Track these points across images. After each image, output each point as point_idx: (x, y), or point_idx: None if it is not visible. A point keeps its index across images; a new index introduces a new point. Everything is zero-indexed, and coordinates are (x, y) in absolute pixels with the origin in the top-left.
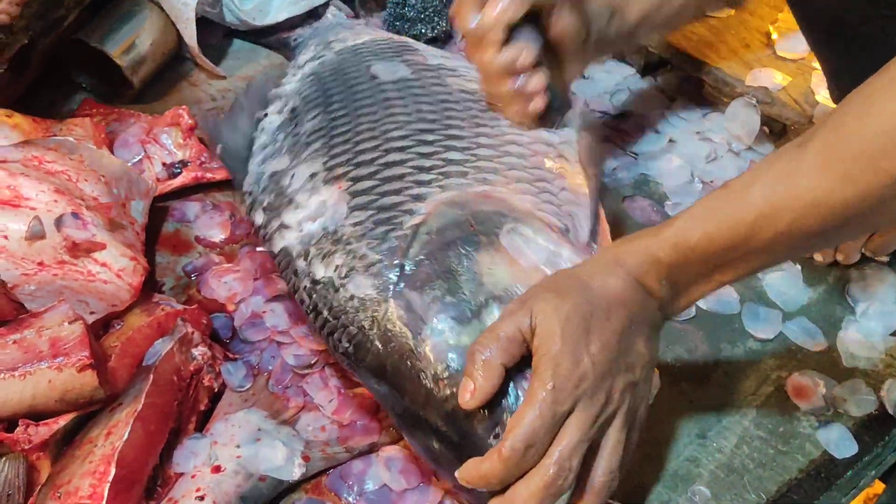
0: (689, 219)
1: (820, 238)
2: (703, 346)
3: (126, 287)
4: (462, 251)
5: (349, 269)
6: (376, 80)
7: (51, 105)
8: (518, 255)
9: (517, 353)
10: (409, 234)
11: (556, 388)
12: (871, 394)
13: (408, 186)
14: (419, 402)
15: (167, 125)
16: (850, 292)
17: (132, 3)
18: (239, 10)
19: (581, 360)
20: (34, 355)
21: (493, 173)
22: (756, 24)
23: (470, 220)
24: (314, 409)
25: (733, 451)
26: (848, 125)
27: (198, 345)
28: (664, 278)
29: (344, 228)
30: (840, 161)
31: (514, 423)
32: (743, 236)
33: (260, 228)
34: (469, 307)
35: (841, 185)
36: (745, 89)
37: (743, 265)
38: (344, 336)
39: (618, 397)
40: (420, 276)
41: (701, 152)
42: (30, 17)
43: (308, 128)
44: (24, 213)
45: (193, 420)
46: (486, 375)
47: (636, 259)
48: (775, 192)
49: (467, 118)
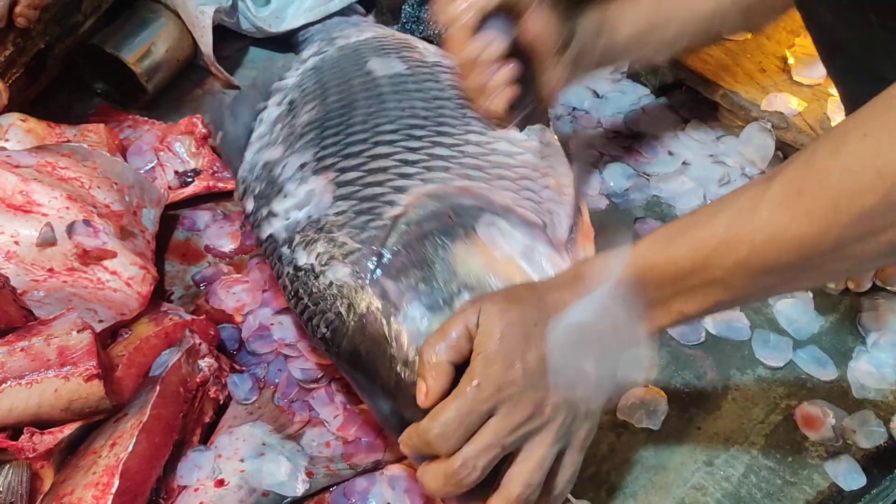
0: (653, 240)
1: (778, 276)
2: (713, 372)
3: (135, 296)
4: (438, 242)
5: (329, 256)
6: (372, 75)
7: (66, 109)
8: (493, 247)
9: (465, 351)
10: (388, 225)
11: (481, 386)
12: (881, 426)
13: (391, 178)
14: (390, 386)
15: (181, 133)
16: (862, 322)
17: (149, 11)
18: (255, 18)
19: (513, 365)
20: (41, 364)
21: (476, 170)
22: (773, 48)
23: (449, 212)
24: (319, 425)
25: (741, 479)
26: (817, 161)
27: (205, 356)
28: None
29: (327, 217)
30: (802, 196)
31: (435, 413)
32: (702, 262)
33: (250, 215)
34: (442, 295)
35: (800, 220)
36: (761, 114)
37: (701, 296)
38: (322, 322)
39: (549, 411)
40: (396, 265)
41: (714, 175)
42: (47, 22)
43: (303, 120)
44: (36, 219)
45: (198, 432)
46: (436, 376)
47: (596, 276)
48: (737, 221)
49: (458, 115)
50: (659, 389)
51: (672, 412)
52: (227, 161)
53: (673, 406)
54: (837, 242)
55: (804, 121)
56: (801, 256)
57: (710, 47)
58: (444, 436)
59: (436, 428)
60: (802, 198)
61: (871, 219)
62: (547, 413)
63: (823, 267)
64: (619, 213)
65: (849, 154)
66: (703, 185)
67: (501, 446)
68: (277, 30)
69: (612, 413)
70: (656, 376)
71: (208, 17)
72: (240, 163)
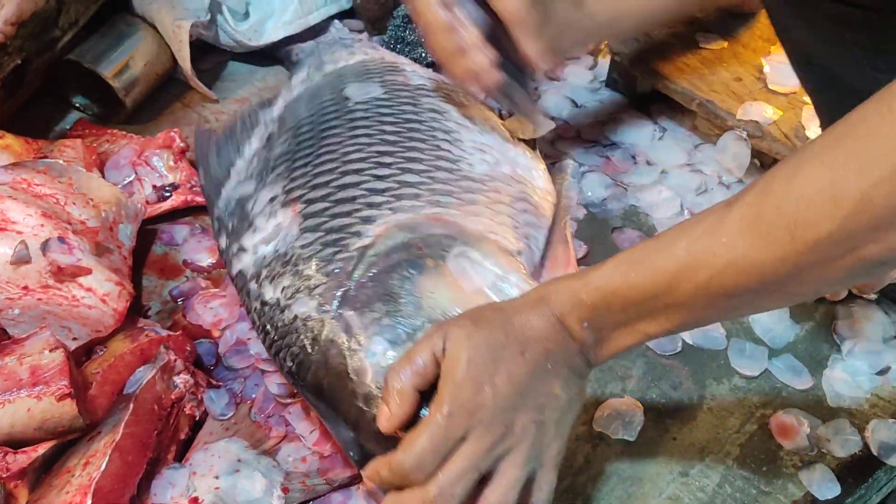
0: (616, 264)
1: (739, 299)
2: (688, 382)
3: (111, 312)
4: (406, 274)
5: (295, 290)
6: (347, 101)
7: (45, 124)
8: (463, 279)
9: (431, 377)
10: (354, 257)
11: (452, 413)
12: (856, 434)
13: (359, 209)
14: (351, 420)
15: (159, 147)
16: (838, 330)
17: (126, 25)
18: (234, 32)
19: (482, 389)
20: (14, 383)
21: (447, 196)
22: (749, 57)
23: (418, 243)
24: (295, 440)
25: (715, 490)
26: (774, 189)
27: (180, 372)
28: (586, 321)
29: (294, 250)
30: (760, 223)
31: (407, 444)
32: (664, 287)
33: (223, 252)
34: (405, 329)
35: (758, 247)
36: (737, 122)
37: (665, 318)
38: (288, 356)
39: (519, 432)
40: (361, 298)
41: (691, 184)
42: (25, 37)
43: (276, 152)
44: (11, 237)
45: (173, 449)
46: (400, 402)
47: (560, 298)
48: (697, 246)
49: (429, 139)
50: (635, 400)
51: (648, 423)
52: (207, 199)
53: (649, 417)
54: (795, 268)
55: (779, 129)
56: (760, 282)
57: (686, 55)
58: (419, 467)
59: (411, 459)
60: (760, 225)
61: (828, 246)
62: (516, 433)
63: (783, 291)
64: (596, 222)
65: (805, 182)
66: (680, 194)
67: (477, 471)
68: (257, 43)
69: (588, 424)
70: (632, 387)
71: (185, 32)
72: (218, 200)
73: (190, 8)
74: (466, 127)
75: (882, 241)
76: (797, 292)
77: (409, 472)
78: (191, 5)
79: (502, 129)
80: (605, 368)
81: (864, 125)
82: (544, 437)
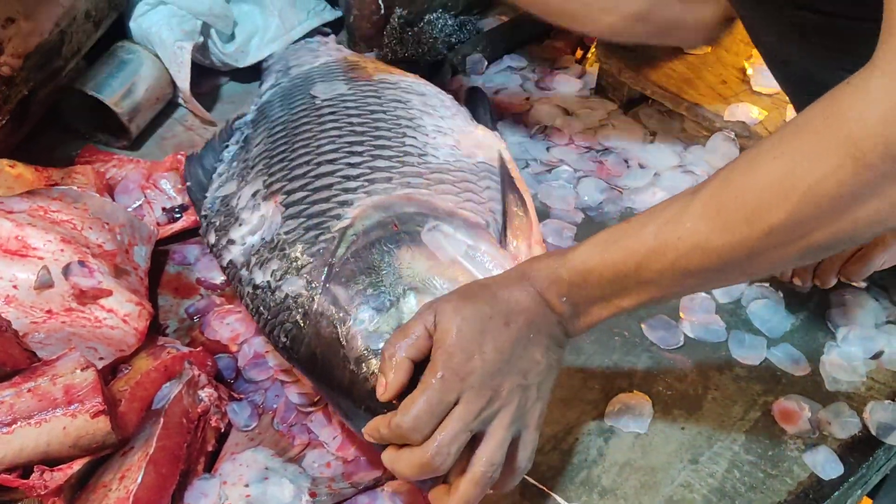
0: (592, 245)
1: (702, 277)
2: (692, 374)
3: (132, 332)
4: (384, 248)
5: (283, 272)
6: (315, 100)
7: (50, 152)
8: (437, 250)
9: (424, 348)
10: (336, 237)
11: (445, 377)
12: (855, 416)
13: (336, 194)
14: (345, 383)
15: (166, 170)
16: (831, 318)
17: (127, 52)
18: (222, 54)
19: (472, 356)
20: (49, 403)
21: (417, 177)
22: (732, 60)
23: (394, 220)
24: (319, 446)
25: (724, 475)
26: (734, 179)
27: (204, 386)
28: (565, 296)
29: (279, 237)
30: (721, 211)
31: (405, 406)
32: (634, 266)
33: (212, 247)
34: (388, 297)
35: (719, 233)
36: (724, 124)
37: (636, 293)
38: (281, 332)
39: (505, 395)
40: (345, 273)
41: (683, 185)
42: (30, 69)
43: (254, 153)
44: (32, 263)
45: (202, 461)
46: (396, 371)
47: (541, 275)
48: (664, 231)
49: (394, 127)
50: (643, 394)
51: (656, 414)
52: (194, 203)
53: (657, 409)
54: (751, 252)
55: (765, 129)
56: (720, 262)
57: (673, 62)
58: (416, 427)
59: (408, 420)
60: (720, 213)
61: (781, 233)
62: (503, 396)
63: (740, 270)
64: (594, 225)
65: (761, 174)
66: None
67: (469, 431)
68: (244, 64)
69: (600, 419)
70: (639, 381)
71: (187, 52)
72: (204, 202)
73: (187, 30)
74: (428, 113)
75: (828, 228)
76: (753, 272)
77: (407, 432)
78: (187, 27)
79: (461, 113)
80: (612, 365)
81: (811, 125)
82: (528, 401)
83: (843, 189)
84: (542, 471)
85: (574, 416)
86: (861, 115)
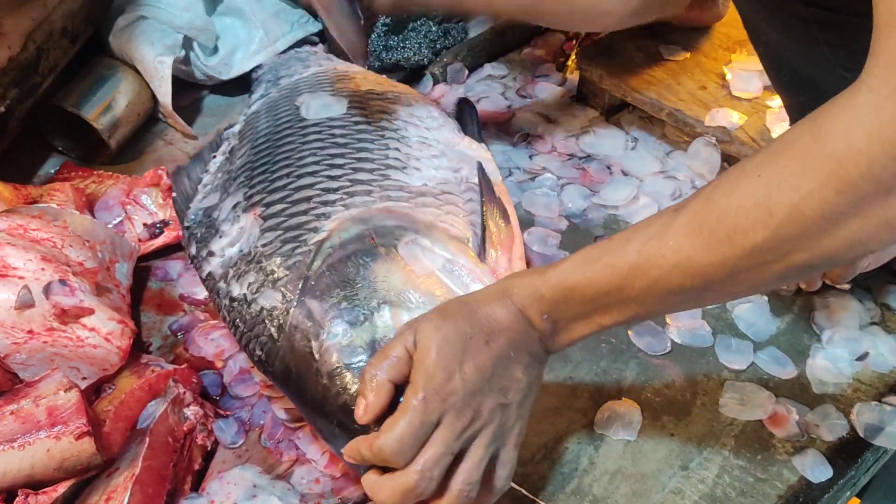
0: (573, 263)
1: (684, 295)
2: (681, 380)
3: (115, 350)
4: (360, 262)
5: (259, 285)
6: (299, 111)
7: (29, 169)
8: (414, 264)
9: (405, 370)
10: (312, 250)
11: (427, 398)
12: (842, 418)
13: (314, 207)
14: (318, 397)
15: (147, 186)
16: (816, 320)
17: (106, 67)
18: (205, 67)
19: (453, 376)
20: (32, 425)
21: (398, 190)
22: (711, 66)
23: (371, 233)
24: (307, 463)
25: (715, 480)
26: (716, 198)
27: (190, 404)
28: (546, 313)
29: (256, 249)
30: (703, 230)
31: (387, 428)
32: (616, 284)
33: (193, 258)
34: (362, 311)
35: (701, 251)
36: (705, 129)
37: (617, 311)
38: (257, 345)
39: (486, 415)
40: (320, 287)
41: (666, 190)
42: (7, 86)
43: (237, 164)
44: (13, 283)
45: (189, 480)
46: (376, 393)
47: (522, 293)
48: (647, 248)
49: (377, 139)
50: (632, 401)
51: (646, 421)
52: (178, 214)
53: (646, 415)
54: (733, 271)
55: (746, 133)
56: (703, 281)
57: (652, 68)
58: (400, 451)
59: (392, 444)
60: (703, 231)
61: (763, 252)
62: (484, 416)
63: (723, 289)
64: (579, 232)
65: (743, 194)
66: (657, 201)
67: (451, 453)
68: (228, 76)
69: (590, 427)
70: (628, 388)
71: (167, 67)
72: (188, 213)
73: (168, 44)
74: (414, 125)
75: (810, 248)
76: (735, 291)
77: (390, 455)
78: (168, 41)
79: (449, 124)
80: (600, 372)
81: (795, 144)
82: (508, 419)
83: (827, 208)
84: (534, 480)
85: (564, 425)
86: (846, 133)
